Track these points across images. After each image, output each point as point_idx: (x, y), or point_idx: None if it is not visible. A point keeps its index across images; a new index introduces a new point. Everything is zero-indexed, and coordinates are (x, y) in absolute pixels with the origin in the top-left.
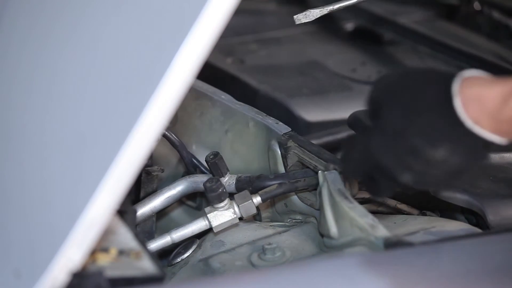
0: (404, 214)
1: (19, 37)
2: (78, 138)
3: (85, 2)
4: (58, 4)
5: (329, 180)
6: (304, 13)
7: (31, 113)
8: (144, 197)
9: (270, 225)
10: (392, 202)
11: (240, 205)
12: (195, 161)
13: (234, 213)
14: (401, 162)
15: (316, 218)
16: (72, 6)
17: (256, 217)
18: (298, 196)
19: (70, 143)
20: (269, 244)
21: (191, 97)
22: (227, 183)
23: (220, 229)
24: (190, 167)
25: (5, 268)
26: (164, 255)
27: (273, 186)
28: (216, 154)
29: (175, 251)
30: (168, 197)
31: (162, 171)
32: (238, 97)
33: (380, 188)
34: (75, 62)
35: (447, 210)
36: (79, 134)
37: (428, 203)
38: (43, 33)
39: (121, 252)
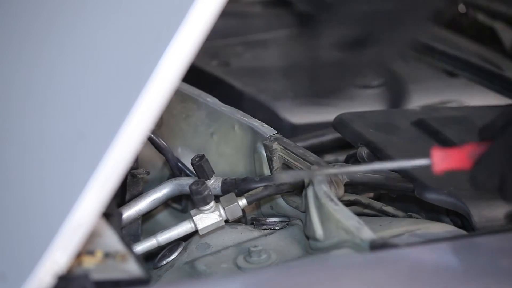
0: (389, 216)
1: (14, 39)
2: (64, 141)
3: (80, 6)
4: (54, 6)
5: (315, 182)
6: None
7: (15, 114)
8: (129, 200)
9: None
10: (377, 205)
11: (225, 208)
12: (180, 164)
13: (220, 215)
14: None
15: (301, 221)
16: (67, 9)
17: (241, 220)
18: (283, 199)
19: (55, 146)
20: (255, 246)
21: (177, 100)
22: (213, 185)
23: (206, 231)
24: (175, 170)
25: None
26: (150, 258)
27: (258, 189)
28: (201, 157)
29: (160, 254)
30: (154, 199)
31: (148, 173)
32: (223, 100)
33: None
34: (61, 66)
35: (432, 212)
36: (64, 137)
37: (413, 205)
38: (37, 34)
39: (107, 255)
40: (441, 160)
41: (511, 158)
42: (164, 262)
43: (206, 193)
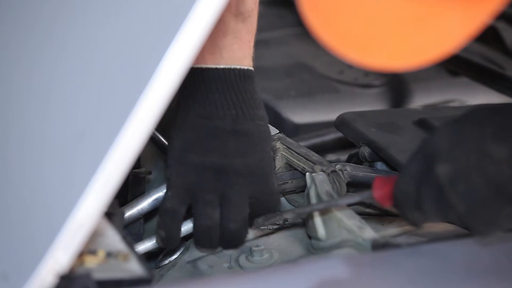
0: (391, 215)
1: (14, 38)
2: (66, 141)
3: (82, 4)
4: (55, 5)
5: (317, 181)
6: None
7: (16, 114)
8: (131, 199)
9: None
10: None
11: None
12: None
13: None
14: None
15: (303, 220)
16: (68, 7)
17: None
18: (286, 198)
19: (57, 145)
20: (257, 246)
21: None
22: None
23: None
24: None
25: None
26: (152, 257)
27: None
28: None
29: (163, 253)
30: (156, 199)
31: (150, 173)
32: None
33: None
34: (62, 64)
35: None
36: (67, 136)
37: None
38: (39, 34)
39: (109, 254)
40: (382, 189)
41: (424, 173)
42: (166, 262)
43: None
